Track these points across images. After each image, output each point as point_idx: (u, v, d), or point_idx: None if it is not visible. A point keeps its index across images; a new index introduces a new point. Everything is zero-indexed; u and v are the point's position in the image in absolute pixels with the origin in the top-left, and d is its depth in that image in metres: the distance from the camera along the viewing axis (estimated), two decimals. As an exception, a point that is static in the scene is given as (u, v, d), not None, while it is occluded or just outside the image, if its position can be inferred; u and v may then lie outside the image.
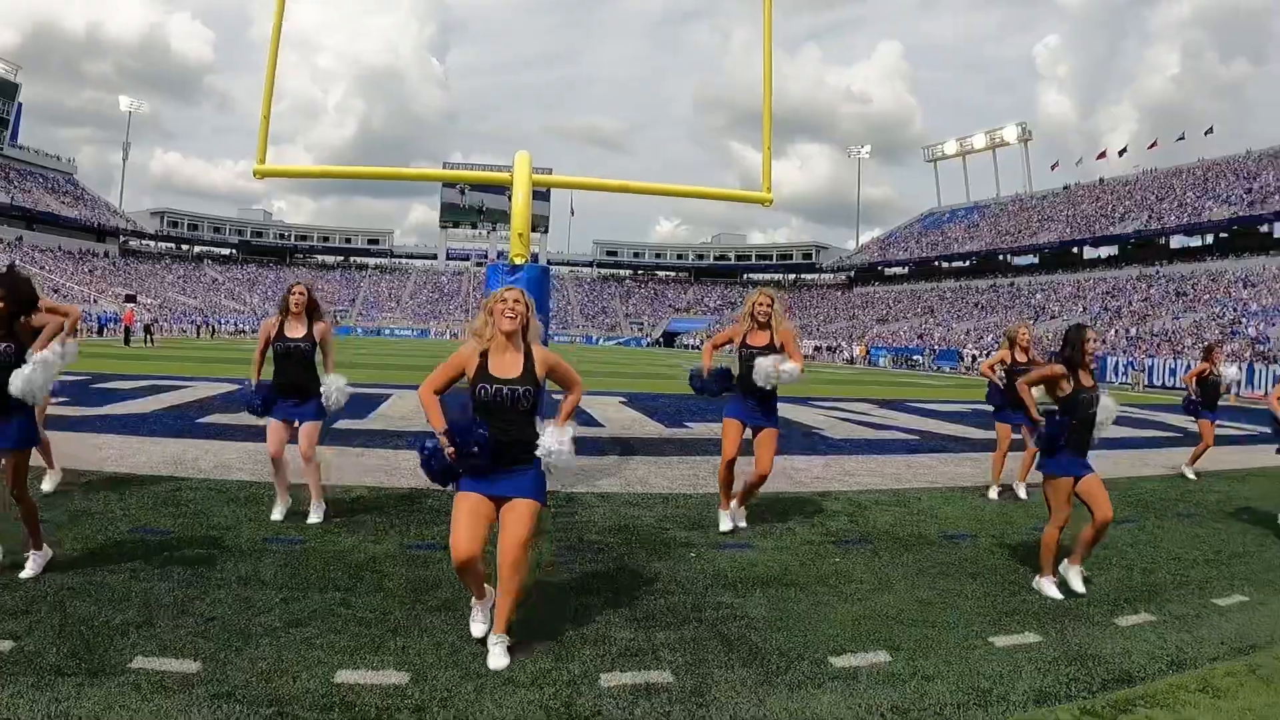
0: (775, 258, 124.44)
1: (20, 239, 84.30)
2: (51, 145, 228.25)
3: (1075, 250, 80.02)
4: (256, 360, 7.08)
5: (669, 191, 10.99)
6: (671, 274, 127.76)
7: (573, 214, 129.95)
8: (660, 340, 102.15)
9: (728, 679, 4.24)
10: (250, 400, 6.96)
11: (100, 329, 56.54)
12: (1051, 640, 5.14)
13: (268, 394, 6.92)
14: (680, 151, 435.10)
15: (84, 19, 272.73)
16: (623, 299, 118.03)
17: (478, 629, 4.50)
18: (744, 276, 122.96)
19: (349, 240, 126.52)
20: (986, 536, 7.83)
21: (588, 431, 13.34)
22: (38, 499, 5.86)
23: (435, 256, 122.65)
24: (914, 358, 65.00)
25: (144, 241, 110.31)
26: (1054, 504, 6.26)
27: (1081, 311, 65.25)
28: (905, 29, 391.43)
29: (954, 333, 71.45)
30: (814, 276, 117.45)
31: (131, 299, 72.20)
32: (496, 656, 4.25)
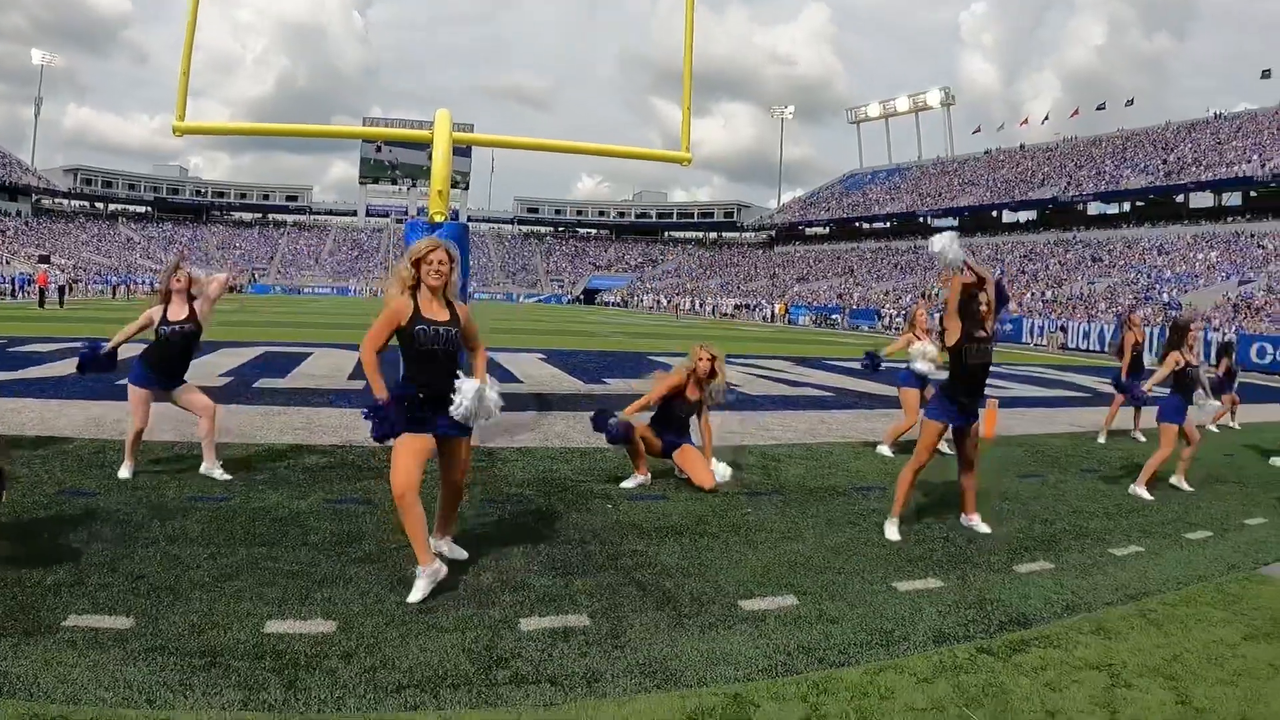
0: (697, 216, 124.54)
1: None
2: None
3: (994, 214, 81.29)
4: (124, 335, 7.03)
5: (589, 150, 11.09)
6: (593, 231, 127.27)
7: (494, 171, 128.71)
8: (581, 297, 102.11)
9: (642, 622, 4.46)
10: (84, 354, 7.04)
11: (13, 291, 54.42)
12: (952, 585, 5.45)
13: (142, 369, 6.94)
14: (605, 110, 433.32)
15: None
16: (544, 256, 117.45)
17: (417, 594, 4.59)
18: (665, 234, 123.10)
19: (267, 197, 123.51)
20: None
21: (507, 388, 13.24)
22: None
23: (355, 213, 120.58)
24: (832, 316, 65.95)
25: (57, 200, 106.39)
26: (920, 444, 6.65)
27: (1000, 274, 66.57)
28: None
29: (873, 292, 72.49)
30: (735, 235, 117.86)
31: (45, 260, 69.93)
32: (458, 552, 5.21)
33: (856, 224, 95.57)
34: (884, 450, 10.06)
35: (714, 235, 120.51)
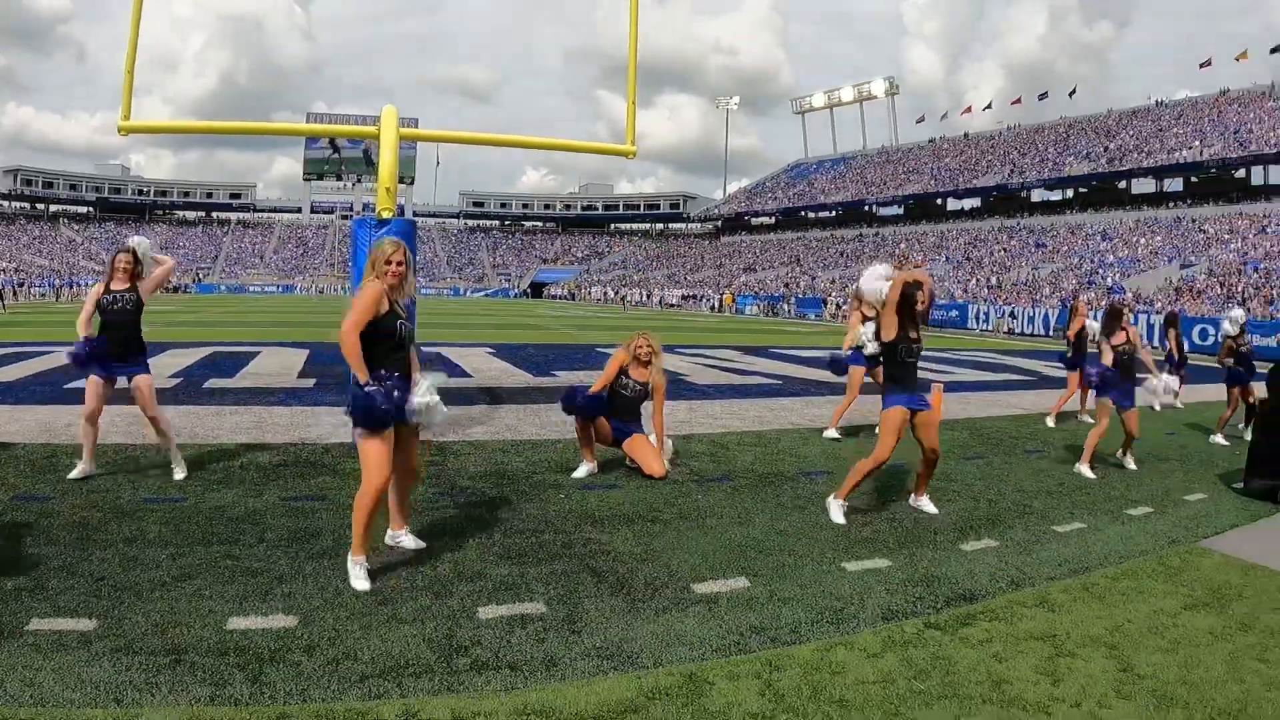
0: (643, 207, 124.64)
1: None
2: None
3: (939, 201, 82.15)
4: (83, 320, 6.91)
5: (535, 144, 11.14)
6: (539, 224, 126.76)
7: (439, 165, 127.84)
8: (528, 291, 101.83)
9: (597, 607, 4.57)
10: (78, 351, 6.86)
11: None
12: (900, 565, 5.62)
13: (93, 348, 6.83)
14: (550, 103, 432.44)
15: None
16: (490, 250, 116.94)
17: (362, 583, 4.69)
18: (611, 226, 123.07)
19: (210, 195, 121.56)
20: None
21: (457, 382, 13.47)
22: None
23: (299, 210, 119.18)
24: (779, 305, 66.40)
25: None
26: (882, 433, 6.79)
27: (944, 261, 67.47)
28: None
29: (820, 281, 73.03)
30: (681, 226, 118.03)
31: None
32: (417, 542, 5.36)
33: (802, 213, 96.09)
34: (831, 434, 10.25)
35: (660, 227, 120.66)
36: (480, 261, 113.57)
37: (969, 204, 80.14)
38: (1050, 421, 12.35)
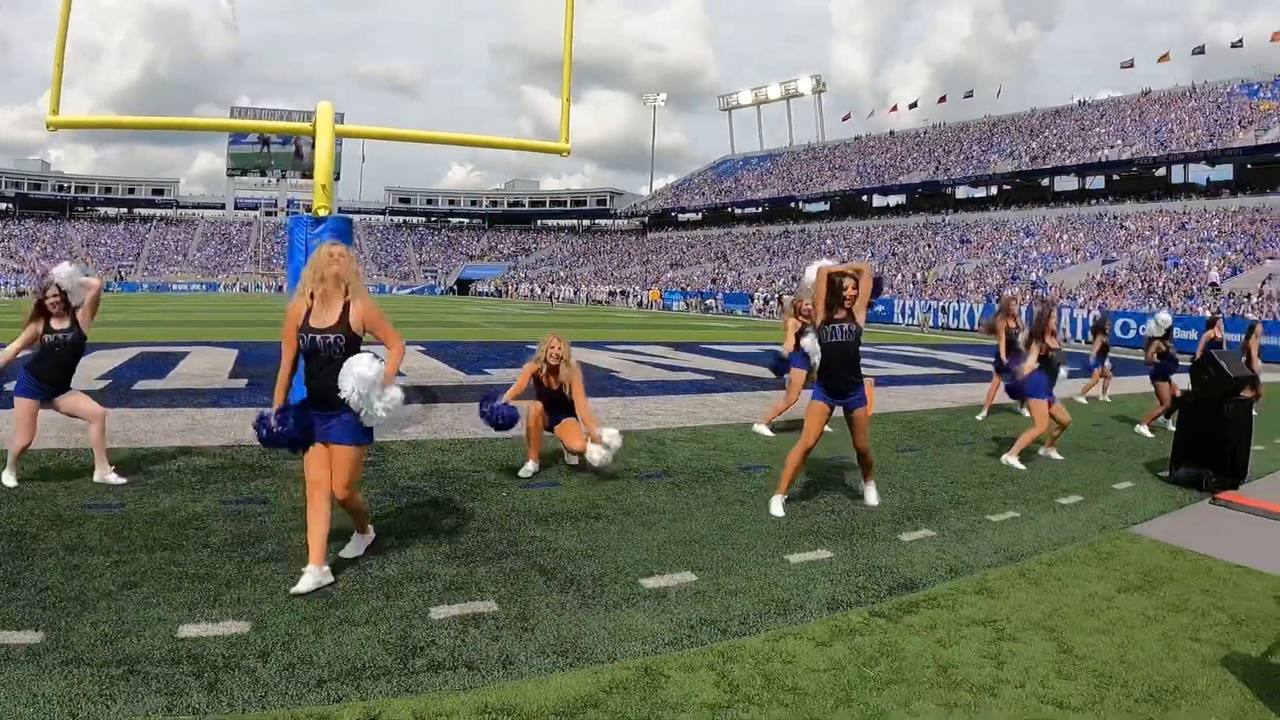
0: (569, 204, 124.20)
1: None
2: None
3: (865, 198, 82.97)
4: (11, 352, 6.79)
5: (469, 141, 11.09)
6: (465, 221, 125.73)
7: (364, 160, 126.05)
8: (455, 288, 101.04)
9: (548, 604, 4.62)
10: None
11: None
12: (842, 555, 5.76)
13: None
14: (476, 98, 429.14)
15: None
16: (416, 247, 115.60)
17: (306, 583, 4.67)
18: (538, 223, 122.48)
19: (133, 191, 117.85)
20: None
21: (391, 382, 13.36)
22: None
23: (223, 206, 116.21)
24: (707, 301, 66.80)
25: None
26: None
27: (870, 256, 68.32)
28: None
29: (746, 277, 73.56)
30: (608, 222, 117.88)
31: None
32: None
33: (729, 210, 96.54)
34: (762, 430, 10.37)
35: (587, 223, 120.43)
36: (407, 258, 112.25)
37: (894, 201, 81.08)
38: (982, 414, 12.66)
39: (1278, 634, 4.77)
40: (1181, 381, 10.60)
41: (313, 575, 4.65)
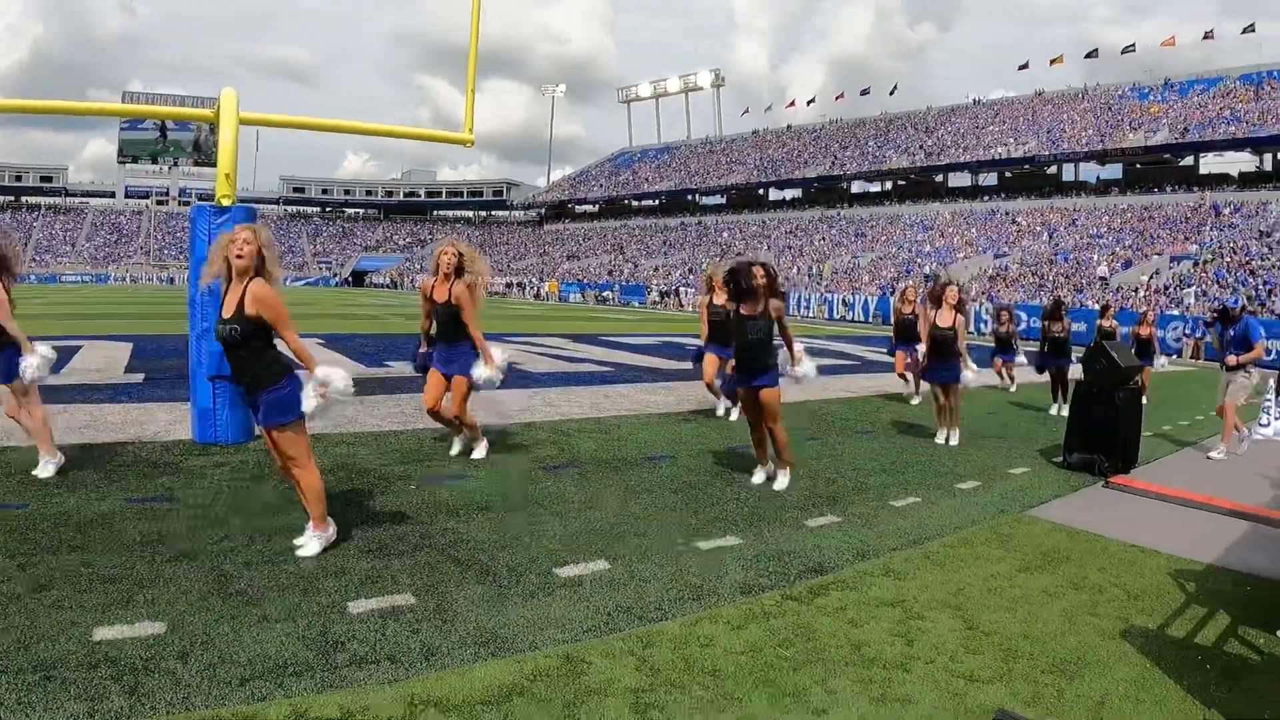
0: (466, 195, 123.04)
1: None
2: None
3: (761, 192, 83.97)
4: None
5: (375, 131, 10.97)
6: (361, 211, 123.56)
7: (258, 149, 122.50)
8: (350, 279, 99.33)
9: (466, 596, 4.65)
10: None
11: None
12: (750, 542, 5.92)
13: None
14: (373, 87, 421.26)
15: None
16: (311, 238, 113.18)
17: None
18: (434, 213, 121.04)
19: (20, 178, 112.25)
20: (684, 455, 8.64)
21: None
22: None
23: (113, 194, 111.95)
24: (604, 293, 66.95)
25: None
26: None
27: (766, 249, 69.20)
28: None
29: (643, 269, 73.90)
30: (505, 214, 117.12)
31: None
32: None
33: (626, 202, 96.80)
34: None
35: (484, 214, 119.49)
36: (301, 249, 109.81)
37: (791, 194, 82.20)
38: (915, 400, 13.39)
39: (1172, 608, 5.09)
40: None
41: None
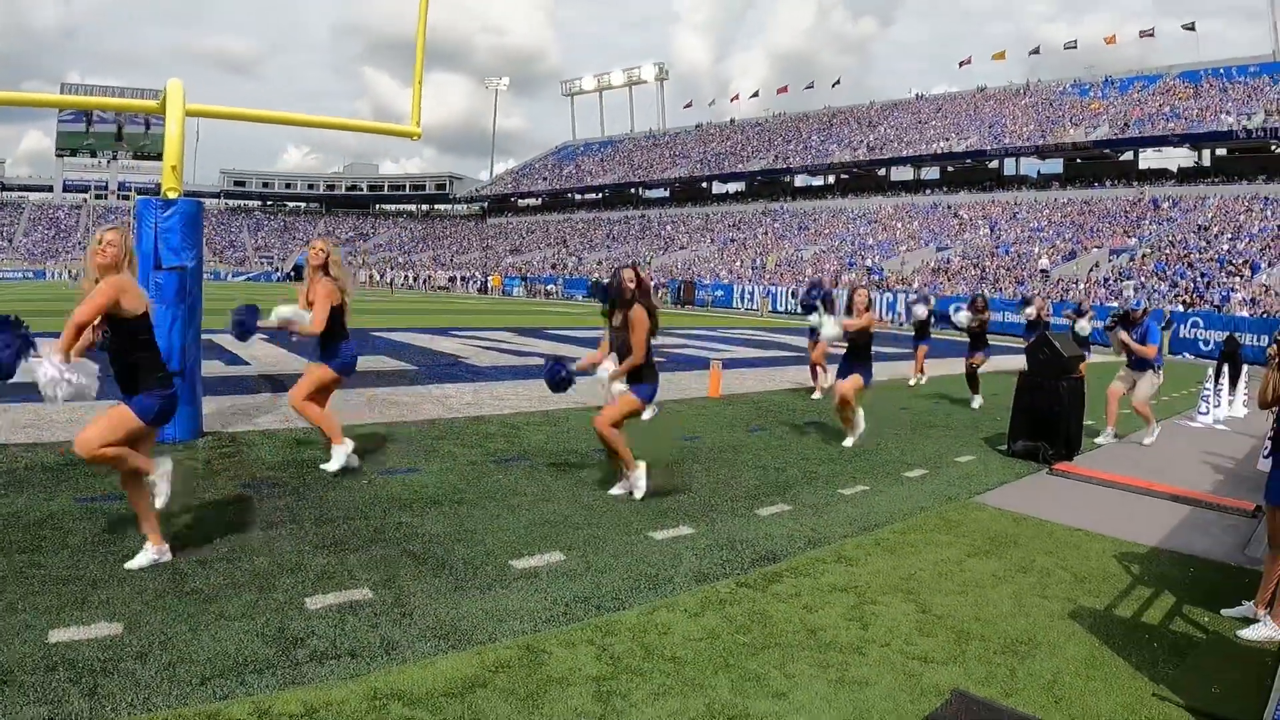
0: (408, 188, 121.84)
1: None
2: None
3: (705, 185, 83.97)
4: None
5: (321, 124, 10.87)
6: (302, 205, 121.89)
7: (198, 141, 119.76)
8: (292, 274, 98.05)
9: (423, 589, 4.67)
10: None
11: None
12: (703, 531, 6.01)
13: None
14: (315, 79, 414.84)
15: None
16: (252, 231, 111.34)
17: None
18: (376, 207, 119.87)
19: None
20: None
21: (235, 370, 13.10)
22: None
23: (51, 189, 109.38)
24: (547, 287, 66.86)
25: None
26: None
27: (709, 242, 69.48)
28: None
29: (586, 263, 73.81)
30: (447, 207, 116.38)
31: None
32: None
33: (569, 195, 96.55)
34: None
35: (426, 208, 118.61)
36: (242, 243, 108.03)
37: (734, 188, 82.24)
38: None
39: (1118, 589, 5.27)
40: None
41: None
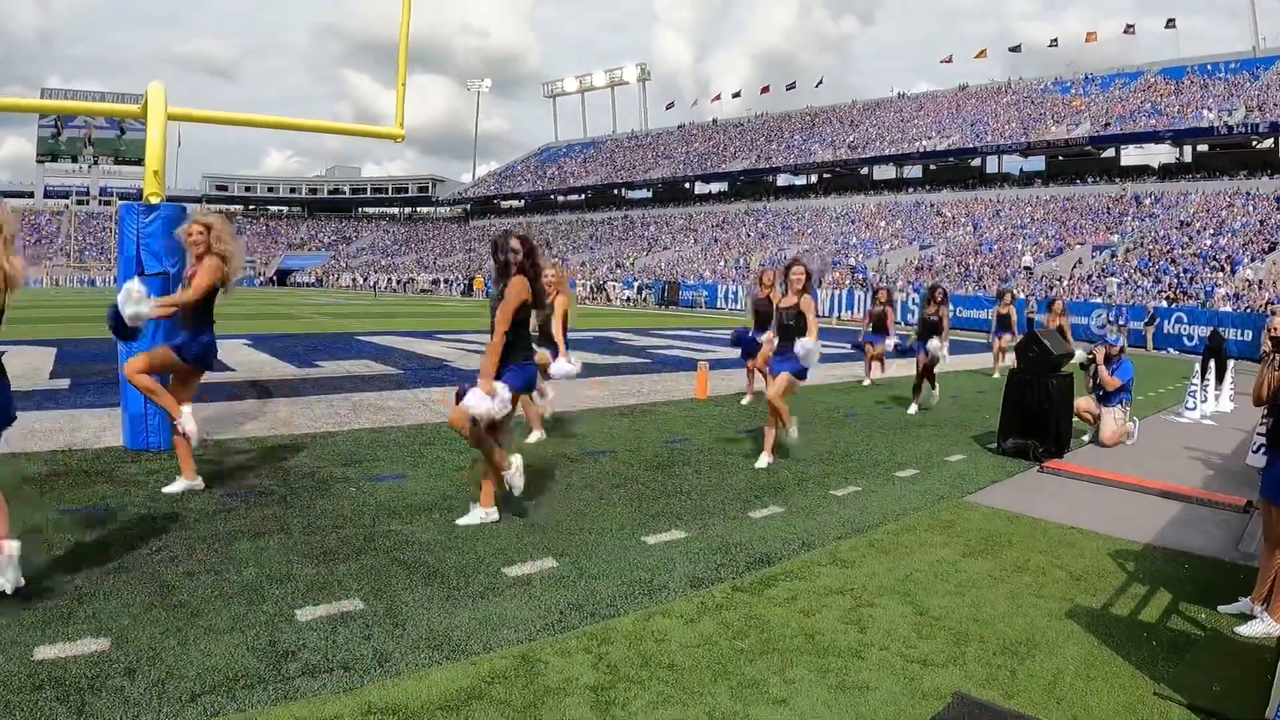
0: (391, 191, 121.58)
1: None
2: None
3: (688, 185, 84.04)
4: None
5: (303, 126, 10.76)
6: (285, 209, 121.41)
7: (180, 145, 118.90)
8: (275, 279, 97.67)
9: (415, 598, 4.60)
10: None
11: None
12: (696, 535, 5.94)
13: None
14: (295, 82, 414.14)
15: None
16: (233, 236, 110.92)
17: None
18: (359, 210, 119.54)
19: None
20: (624, 451, 8.64)
21: (219, 376, 12.94)
22: None
23: (32, 195, 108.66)
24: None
25: None
26: None
27: (692, 242, 69.51)
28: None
29: (570, 264, 73.75)
30: (430, 210, 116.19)
31: None
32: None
33: (552, 196, 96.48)
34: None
35: (409, 210, 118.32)
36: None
37: (717, 188, 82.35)
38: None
39: (1114, 587, 5.25)
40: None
41: None
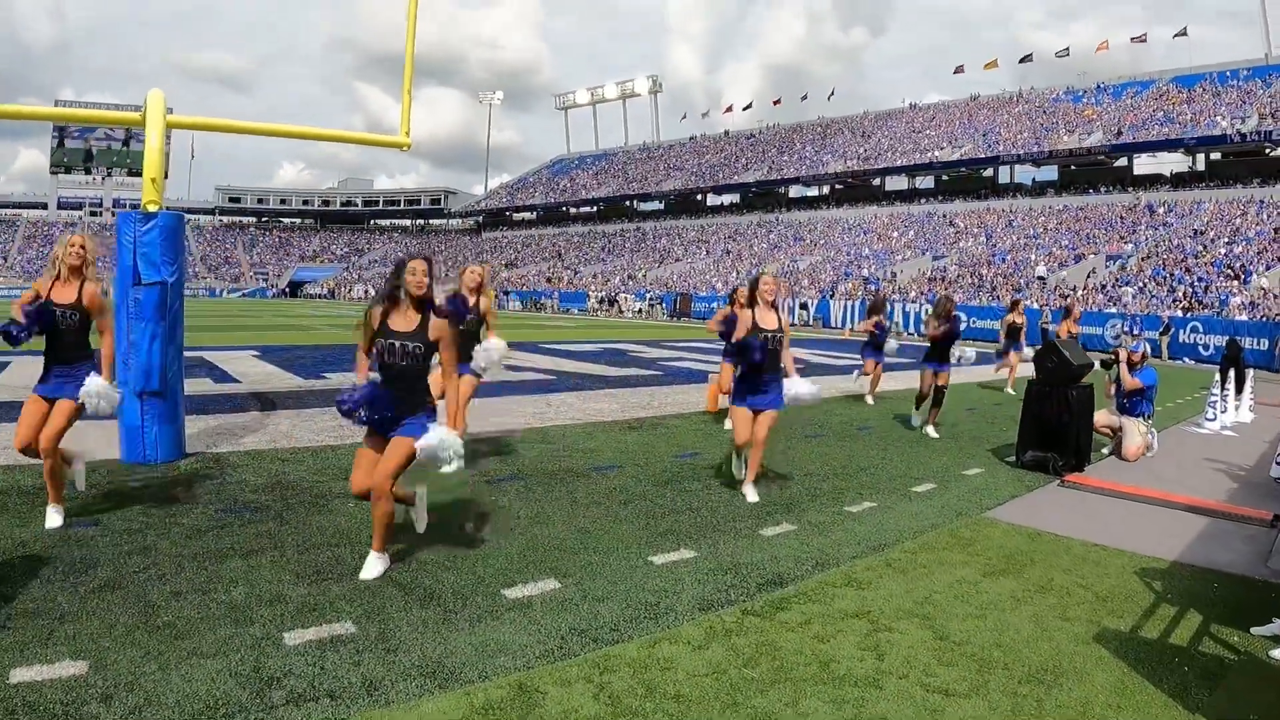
0: (403, 203, 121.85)
1: None
2: None
3: (699, 197, 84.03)
4: None
5: (308, 135, 10.65)
6: (298, 221, 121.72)
7: (193, 157, 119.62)
8: (287, 290, 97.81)
9: (409, 621, 4.40)
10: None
11: None
12: (705, 554, 5.72)
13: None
14: (307, 92, 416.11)
15: None
16: (247, 248, 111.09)
17: None
18: (371, 222, 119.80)
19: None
20: (631, 466, 8.42)
21: (224, 388, 12.83)
22: None
23: (46, 206, 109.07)
24: (541, 300, 66.69)
25: None
26: None
27: (705, 254, 69.40)
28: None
29: (582, 276, 73.75)
30: (442, 222, 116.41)
31: None
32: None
33: (564, 208, 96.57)
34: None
35: (421, 222, 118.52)
36: (237, 260, 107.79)
37: (729, 199, 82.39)
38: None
39: (1142, 608, 5.01)
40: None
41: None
